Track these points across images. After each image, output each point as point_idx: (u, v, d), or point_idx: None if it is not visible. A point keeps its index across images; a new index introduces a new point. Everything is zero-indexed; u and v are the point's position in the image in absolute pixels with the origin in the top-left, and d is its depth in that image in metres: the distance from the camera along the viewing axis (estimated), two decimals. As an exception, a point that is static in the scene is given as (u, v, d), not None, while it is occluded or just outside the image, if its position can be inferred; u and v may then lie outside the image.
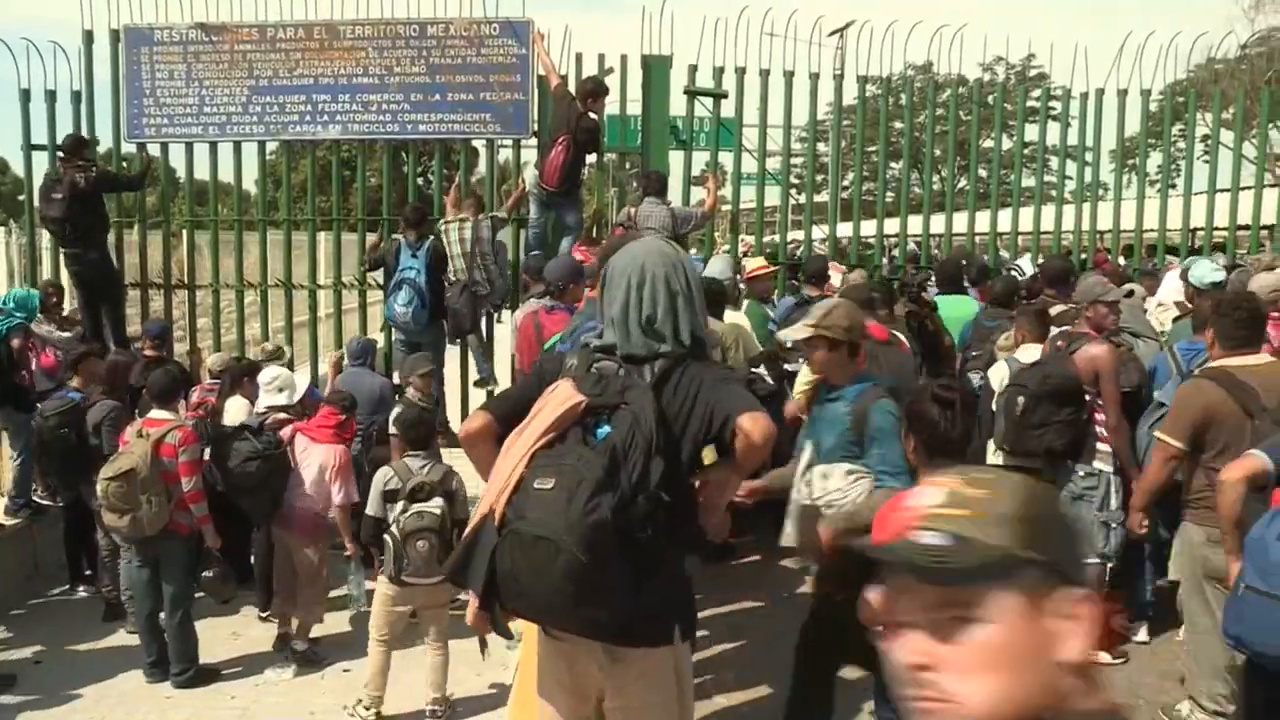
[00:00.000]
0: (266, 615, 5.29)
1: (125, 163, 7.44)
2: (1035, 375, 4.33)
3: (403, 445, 4.57)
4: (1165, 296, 6.44)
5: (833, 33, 14.95)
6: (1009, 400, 4.41)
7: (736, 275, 6.43)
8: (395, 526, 4.17)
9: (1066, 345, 4.51)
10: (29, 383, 6.02)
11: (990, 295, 5.92)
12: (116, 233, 7.32)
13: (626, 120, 7.63)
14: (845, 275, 6.87)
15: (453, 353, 7.11)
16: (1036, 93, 8.54)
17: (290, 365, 6.43)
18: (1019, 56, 24.26)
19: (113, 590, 5.27)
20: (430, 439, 4.53)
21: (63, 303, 6.90)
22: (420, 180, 9.35)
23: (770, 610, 5.11)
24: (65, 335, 6.47)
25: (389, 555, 4.19)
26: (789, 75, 7.34)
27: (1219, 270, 5.67)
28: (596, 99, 6.53)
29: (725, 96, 7.30)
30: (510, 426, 2.14)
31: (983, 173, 9.39)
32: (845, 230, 9.18)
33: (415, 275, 6.44)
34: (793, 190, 14.15)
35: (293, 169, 7.98)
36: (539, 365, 2.43)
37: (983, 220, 7.88)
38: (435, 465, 4.39)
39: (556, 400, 2.08)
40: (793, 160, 12.30)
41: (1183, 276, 5.99)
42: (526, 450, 2.03)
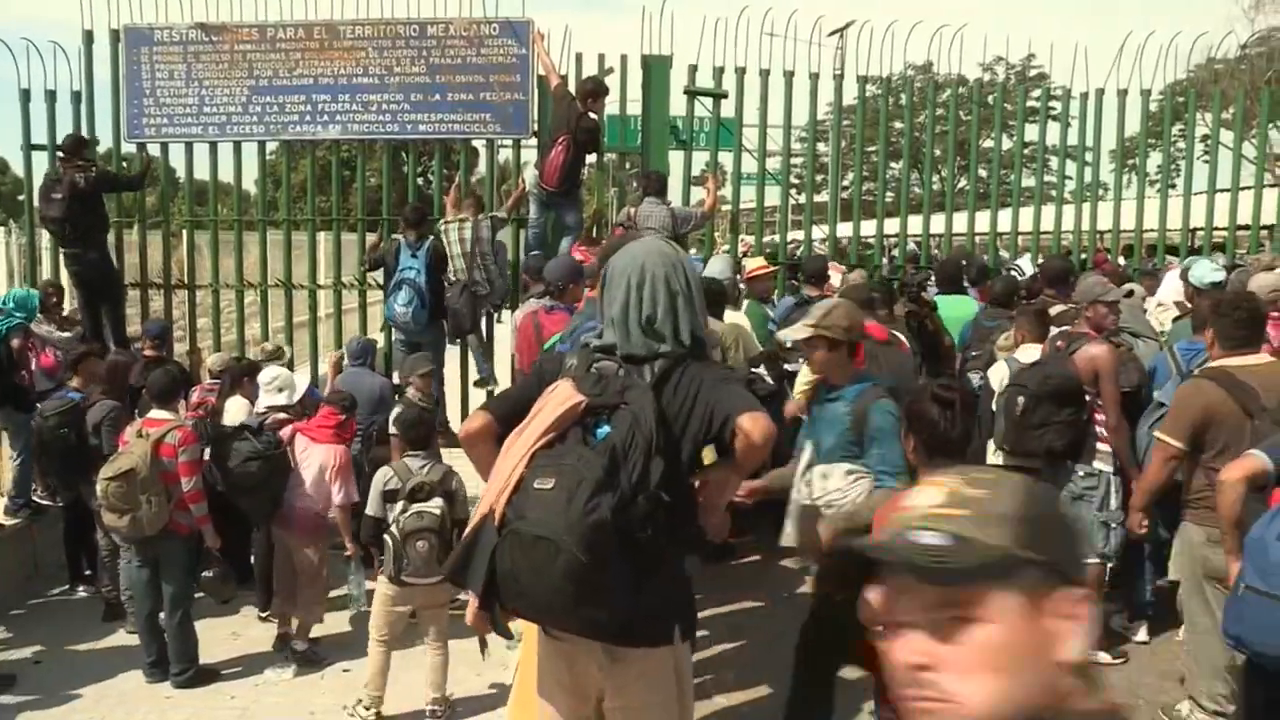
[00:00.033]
0: (266, 615, 5.29)
1: (125, 163, 7.44)
2: (1035, 375, 4.33)
3: (403, 445, 4.58)
4: (1165, 296, 6.44)
5: (832, 33, 14.96)
6: (1009, 400, 4.41)
7: (736, 275, 6.43)
8: (395, 526, 4.17)
9: (1066, 345, 4.51)
10: (29, 383, 6.02)
11: (990, 295, 5.91)
12: (116, 233, 7.32)
13: (626, 120, 7.63)
14: (845, 275, 6.87)
15: (453, 353, 7.10)
16: (1036, 93, 8.54)
17: (290, 365, 6.43)
18: (1019, 56, 24.29)
19: (112, 590, 5.27)
20: (430, 439, 4.54)
21: (63, 303, 6.90)
22: (420, 180, 9.35)
23: (770, 610, 5.10)
24: (65, 335, 6.47)
25: (388, 555, 4.18)
26: (789, 75, 7.34)
27: (1219, 270, 5.67)
28: (596, 99, 6.53)
29: (725, 96, 7.30)
30: (510, 427, 2.14)
31: (983, 173, 9.40)
32: (845, 230, 9.18)
33: (415, 275, 6.44)
34: (793, 190, 14.14)
35: (292, 169, 7.98)
36: (539, 365, 2.43)
37: (982, 220, 7.88)
38: (435, 465, 4.39)
39: (556, 400, 2.08)
40: (793, 160, 12.31)
41: (1183, 276, 5.99)
42: (526, 450, 2.03)
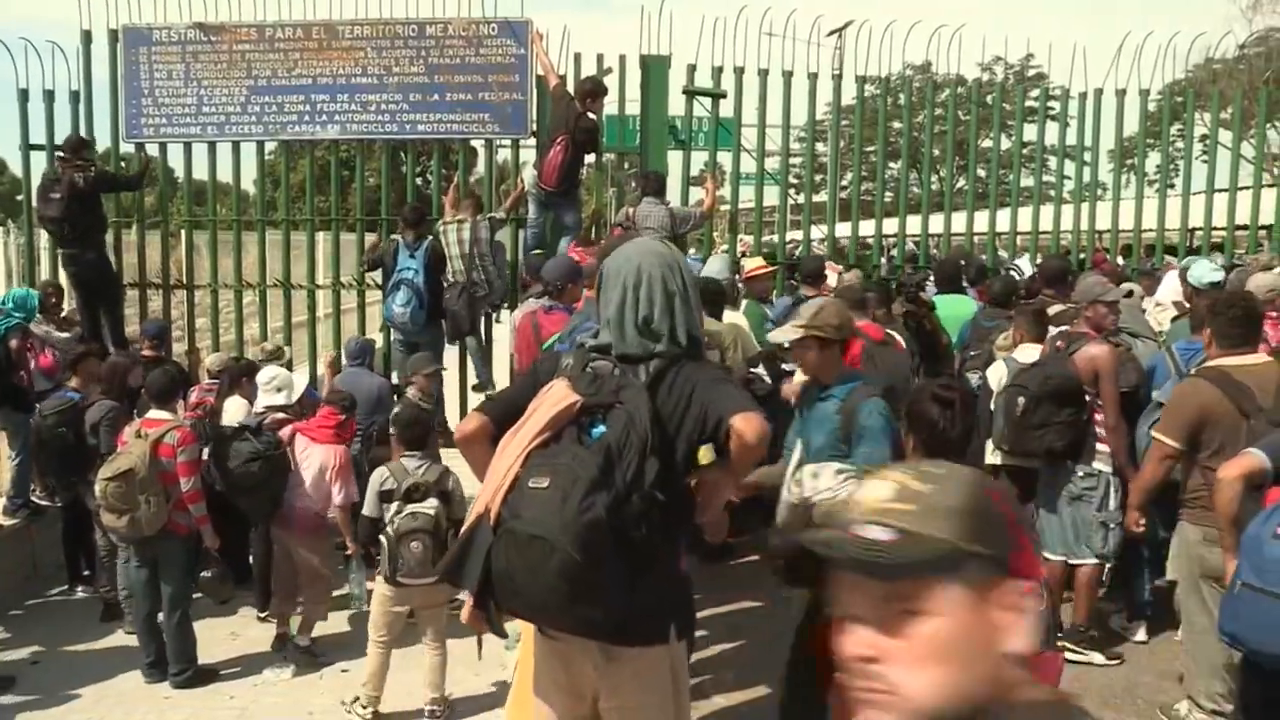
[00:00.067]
0: (265, 615, 5.29)
1: (124, 163, 7.43)
2: (1036, 376, 4.33)
3: (399, 445, 4.58)
4: (1164, 297, 6.44)
5: (831, 33, 14.96)
6: (1009, 400, 4.41)
7: (735, 275, 6.43)
8: (390, 527, 4.18)
9: (1066, 345, 4.51)
10: (27, 383, 6.02)
11: (988, 295, 5.91)
12: (115, 233, 7.31)
13: (625, 120, 7.62)
14: (841, 275, 6.86)
15: (451, 353, 7.10)
16: (1035, 93, 8.53)
17: (289, 366, 6.43)
18: (1017, 56, 24.15)
19: (111, 590, 5.27)
20: (426, 439, 4.52)
21: (62, 303, 6.89)
22: (419, 180, 9.37)
23: (769, 610, 5.10)
24: (64, 336, 6.47)
25: (384, 556, 4.19)
26: (787, 75, 7.33)
27: (1218, 270, 5.67)
28: (595, 99, 6.53)
29: (724, 96, 7.30)
30: (505, 427, 2.14)
31: (981, 173, 9.39)
32: (844, 230, 9.18)
33: (413, 276, 6.44)
34: (791, 190, 14.13)
35: (291, 169, 7.98)
36: (535, 366, 2.43)
37: (981, 220, 7.87)
38: (431, 465, 4.38)
39: (552, 400, 2.08)
40: (791, 160, 12.30)
41: (1182, 277, 5.99)
42: (522, 450, 2.03)
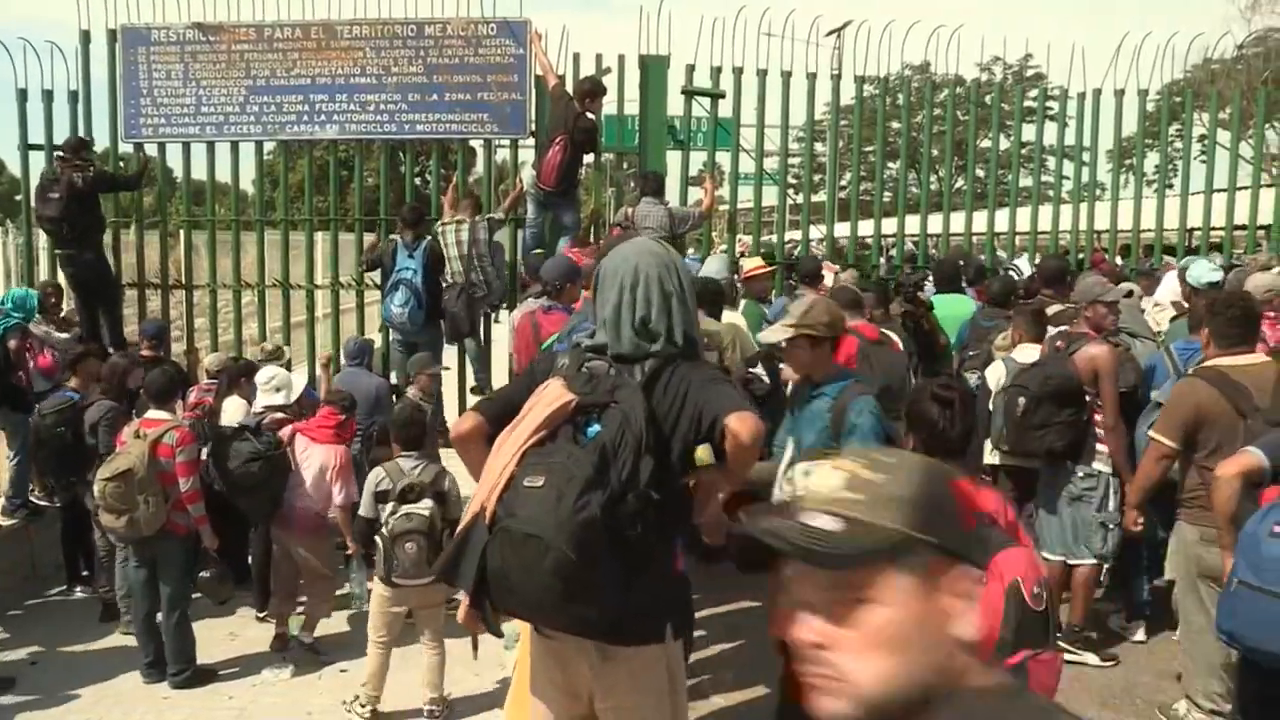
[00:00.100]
0: (263, 616, 5.29)
1: (122, 163, 7.43)
2: (1036, 376, 4.32)
3: (396, 444, 4.57)
4: (1163, 297, 6.44)
5: (830, 33, 14.92)
6: (1009, 401, 4.41)
7: (734, 275, 6.43)
8: (385, 528, 4.18)
9: (1066, 345, 4.50)
10: (26, 383, 6.01)
11: (987, 295, 5.91)
12: (114, 233, 7.31)
13: (624, 120, 7.63)
14: (837, 275, 6.86)
15: (450, 353, 7.10)
16: (1034, 93, 8.55)
17: (287, 366, 6.43)
18: (1016, 57, 24.18)
19: (110, 591, 5.27)
20: (423, 438, 4.50)
21: (61, 303, 6.88)
22: (418, 180, 9.36)
23: (768, 610, 5.09)
24: (63, 336, 6.46)
25: (380, 557, 4.19)
26: (786, 75, 7.34)
27: (1216, 270, 5.67)
28: (594, 99, 6.53)
29: (723, 96, 7.30)
30: (501, 426, 2.14)
31: (980, 173, 9.42)
32: (843, 230, 9.19)
33: (412, 276, 6.43)
34: (790, 190, 14.14)
35: (290, 169, 7.98)
36: (531, 365, 2.43)
37: (980, 220, 7.88)
38: (427, 466, 4.37)
39: (547, 399, 2.08)
40: (790, 160, 12.30)
41: (1180, 277, 6.00)
42: (517, 449, 2.04)
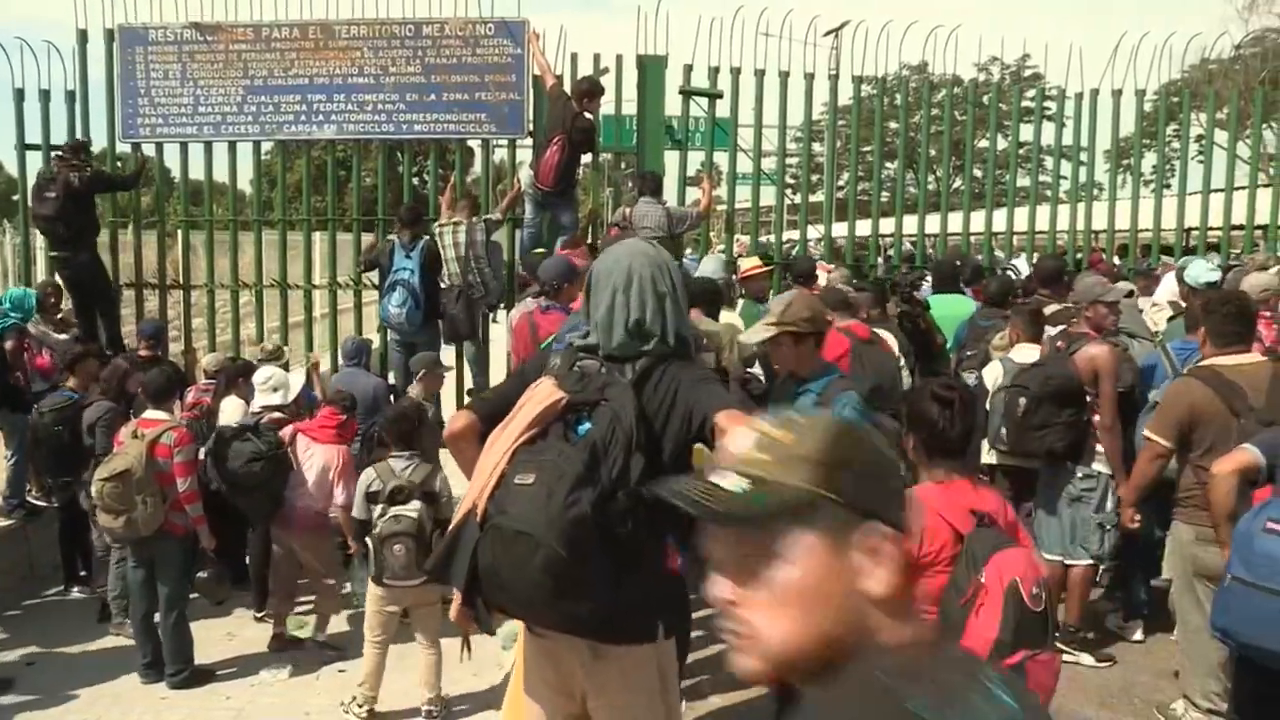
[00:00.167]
0: (261, 616, 5.29)
1: (120, 163, 7.43)
2: (1037, 376, 4.32)
3: (389, 440, 4.57)
4: (1161, 297, 6.45)
5: (828, 33, 14.89)
6: (1010, 401, 4.41)
7: (731, 275, 6.43)
8: (374, 530, 4.19)
9: (1067, 346, 4.50)
10: (24, 383, 6.01)
11: (985, 295, 5.91)
12: (111, 233, 7.31)
13: (622, 120, 7.63)
14: (830, 275, 6.86)
15: (448, 354, 7.09)
16: (1031, 93, 8.57)
17: (285, 366, 6.42)
18: (1014, 57, 23.99)
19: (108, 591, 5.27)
20: (414, 434, 4.48)
21: (60, 303, 6.87)
22: (416, 180, 9.35)
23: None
24: (61, 337, 6.46)
25: (371, 558, 4.20)
26: (784, 75, 7.34)
27: (1214, 270, 5.67)
28: (592, 99, 6.54)
29: (720, 96, 7.31)
30: (494, 425, 2.15)
31: (978, 173, 9.43)
32: (841, 230, 9.19)
33: (409, 276, 6.43)
34: (788, 190, 14.15)
35: (288, 169, 7.98)
36: (523, 365, 2.44)
37: (978, 220, 7.89)
38: (419, 466, 4.36)
39: (538, 397, 2.09)
40: (788, 160, 12.32)
41: (1178, 276, 6.00)
42: (508, 447, 2.04)
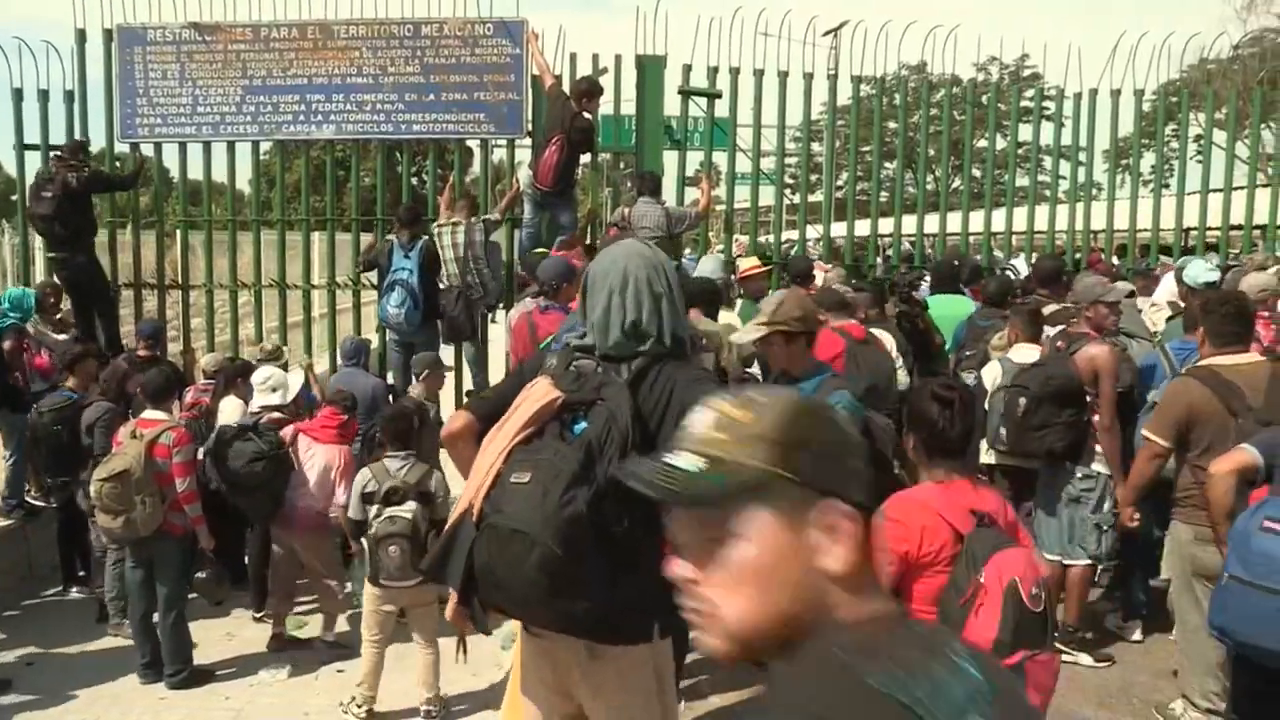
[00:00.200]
0: (260, 616, 5.29)
1: (118, 163, 7.42)
2: (1037, 376, 4.32)
3: (386, 439, 4.56)
4: (1160, 298, 6.45)
5: (826, 33, 14.90)
6: (1010, 401, 4.41)
7: (730, 275, 6.43)
8: (370, 530, 4.18)
9: (1066, 346, 4.50)
10: (23, 384, 6.00)
11: (984, 295, 5.91)
12: (110, 233, 7.30)
13: (621, 120, 7.63)
14: (826, 275, 6.86)
15: (447, 354, 7.08)
16: (1030, 93, 8.57)
17: (284, 366, 6.42)
18: (1013, 57, 24.00)
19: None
20: (409, 433, 4.47)
21: (60, 304, 6.86)
22: (414, 180, 9.35)
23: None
24: (60, 337, 6.45)
25: (367, 559, 4.19)
26: (783, 75, 7.35)
27: (1213, 270, 5.68)
28: (591, 99, 6.54)
29: (719, 96, 7.31)
30: (491, 425, 2.16)
31: (977, 173, 9.43)
32: (840, 230, 9.18)
33: (408, 276, 6.42)
34: (787, 190, 14.15)
35: (286, 169, 7.98)
36: (520, 365, 2.45)
37: (977, 220, 7.90)
38: (414, 466, 4.35)
39: (534, 397, 2.10)
40: (787, 160, 12.34)
41: (1177, 277, 6.00)
42: (505, 446, 2.05)
